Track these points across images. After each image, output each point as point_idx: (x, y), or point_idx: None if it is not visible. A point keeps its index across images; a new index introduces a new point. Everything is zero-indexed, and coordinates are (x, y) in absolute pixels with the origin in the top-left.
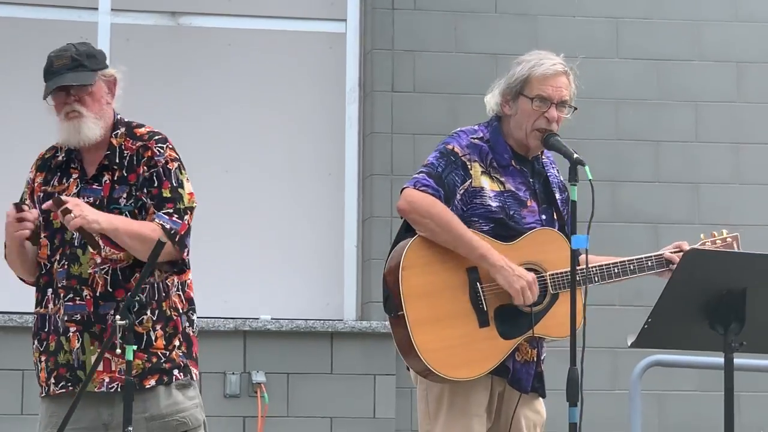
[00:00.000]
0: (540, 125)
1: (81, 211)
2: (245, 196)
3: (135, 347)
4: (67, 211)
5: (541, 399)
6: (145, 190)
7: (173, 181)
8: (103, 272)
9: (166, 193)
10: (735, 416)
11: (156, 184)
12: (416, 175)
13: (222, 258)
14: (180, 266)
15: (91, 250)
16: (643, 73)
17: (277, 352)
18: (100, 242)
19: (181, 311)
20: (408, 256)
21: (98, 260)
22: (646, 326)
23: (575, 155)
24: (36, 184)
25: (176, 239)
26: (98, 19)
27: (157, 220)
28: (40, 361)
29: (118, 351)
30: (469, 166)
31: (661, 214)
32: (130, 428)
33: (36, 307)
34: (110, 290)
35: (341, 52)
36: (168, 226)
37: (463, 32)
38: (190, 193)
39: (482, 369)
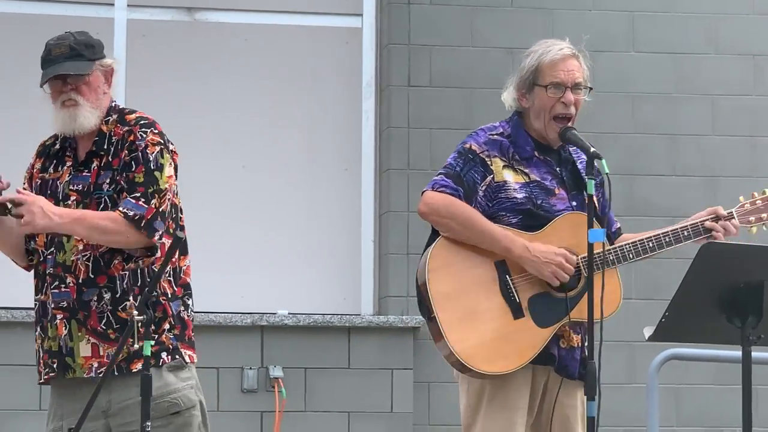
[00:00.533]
0: (558, 111)
1: (32, 218)
2: (262, 191)
3: (152, 342)
4: (19, 215)
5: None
6: (124, 175)
7: (151, 165)
8: (84, 259)
9: (139, 178)
10: (753, 410)
11: (133, 168)
12: (435, 178)
13: (239, 253)
14: (153, 251)
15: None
16: (659, 66)
17: (295, 346)
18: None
19: (170, 295)
20: (433, 258)
21: (80, 247)
22: (663, 320)
23: (592, 149)
24: (35, 170)
25: (142, 224)
26: (114, 14)
27: (120, 207)
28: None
29: (107, 337)
30: (489, 162)
31: (677, 208)
32: (149, 423)
33: (36, 295)
34: (92, 276)
35: (357, 46)
36: (131, 213)
37: (480, 26)
38: (169, 176)
39: (522, 360)
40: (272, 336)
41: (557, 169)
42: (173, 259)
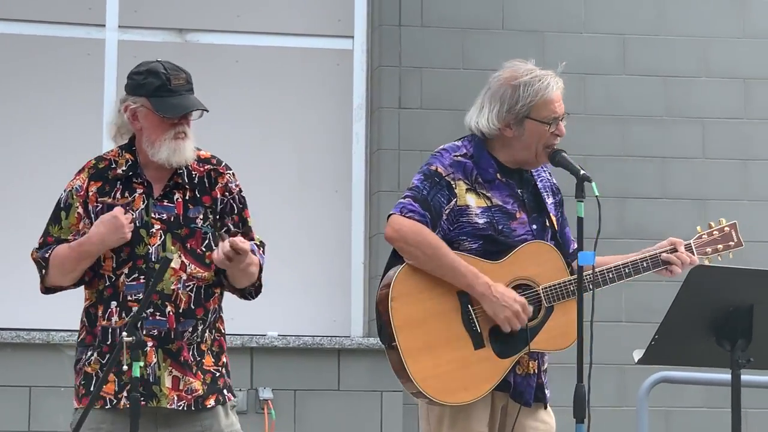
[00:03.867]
0: (551, 142)
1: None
2: (252, 212)
3: (141, 364)
4: (231, 259)
5: (548, 409)
6: (231, 217)
7: (248, 211)
8: (187, 289)
9: (251, 222)
10: None
11: (236, 212)
12: (402, 200)
13: None
14: (251, 293)
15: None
16: (649, 89)
17: (284, 368)
18: (185, 260)
19: (222, 332)
20: (396, 285)
21: (183, 277)
22: (653, 343)
23: (582, 172)
24: (90, 194)
25: (261, 272)
26: (106, 36)
27: (257, 256)
28: (104, 373)
29: (189, 369)
30: (453, 185)
31: (668, 231)
32: None
33: (100, 319)
34: (192, 307)
35: (348, 68)
36: (262, 263)
37: (471, 49)
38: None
39: (481, 391)
40: (262, 358)
41: (518, 191)
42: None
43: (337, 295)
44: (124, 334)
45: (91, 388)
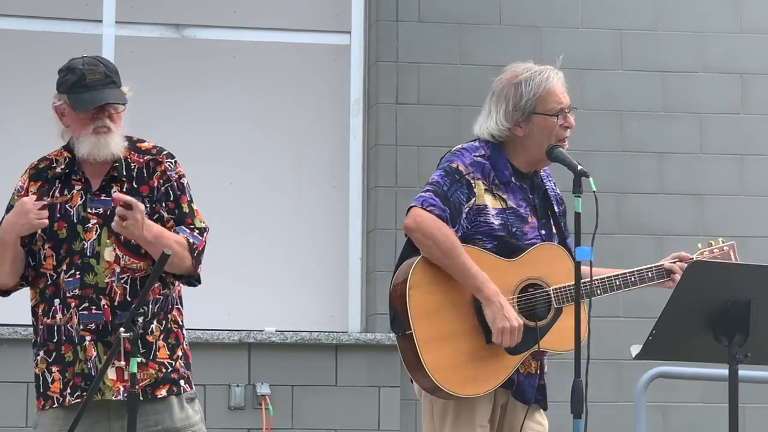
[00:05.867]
0: (562, 135)
1: (134, 224)
2: (250, 208)
3: (140, 359)
4: (122, 217)
5: (542, 411)
6: (163, 204)
7: (188, 196)
8: (122, 281)
9: (185, 208)
10: (740, 428)
11: (172, 198)
12: (423, 194)
13: (226, 270)
14: (194, 280)
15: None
16: (647, 84)
17: (282, 364)
18: (119, 252)
19: (181, 323)
20: (415, 274)
21: (117, 269)
22: (650, 338)
23: (579, 167)
24: (30, 193)
25: (195, 254)
26: (102, 31)
27: (180, 233)
28: (50, 372)
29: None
30: (473, 184)
31: (665, 226)
32: None
33: (42, 318)
34: (128, 299)
35: (345, 64)
36: (191, 241)
37: (468, 44)
38: (197, 210)
39: (489, 385)
40: (259, 353)
41: (530, 195)
42: (178, 288)
43: (335, 290)
44: (122, 329)
45: (41, 390)
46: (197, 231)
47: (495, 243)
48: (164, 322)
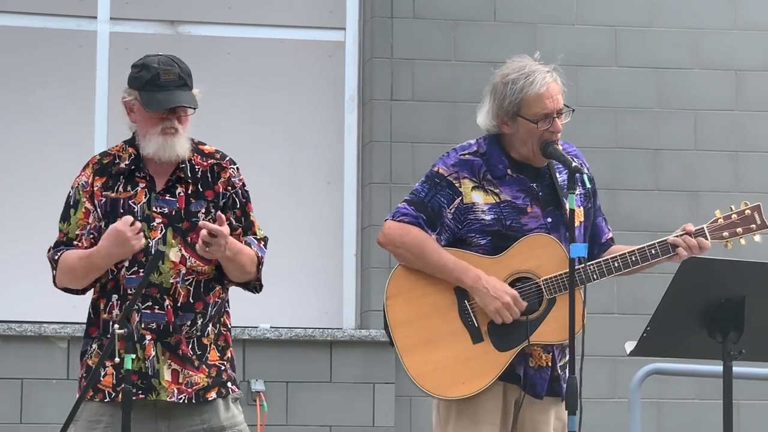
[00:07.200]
0: (546, 138)
1: (219, 252)
2: None
3: (134, 356)
4: (207, 245)
5: (562, 403)
6: (233, 212)
7: (251, 205)
8: (186, 283)
9: (253, 217)
10: (734, 425)
11: (239, 206)
12: (398, 205)
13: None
14: (256, 287)
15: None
16: (642, 81)
17: (276, 360)
18: (186, 253)
19: (228, 327)
20: (392, 284)
21: (183, 270)
22: (645, 334)
23: (573, 163)
24: (96, 189)
25: (259, 266)
26: (97, 27)
27: (254, 248)
28: (104, 366)
29: (190, 363)
30: (457, 184)
31: (660, 223)
32: None
33: (102, 313)
34: (191, 301)
35: (340, 60)
36: (260, 255)
37: (462, 40)
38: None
39: (480, 384)
40: (254, 350)
41: (533, 185)
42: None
43: (329, 287)
44: (116, 326)
45: (92, 381)
46: (263, 242)
47: (489, 238)
48: (218, 325)
